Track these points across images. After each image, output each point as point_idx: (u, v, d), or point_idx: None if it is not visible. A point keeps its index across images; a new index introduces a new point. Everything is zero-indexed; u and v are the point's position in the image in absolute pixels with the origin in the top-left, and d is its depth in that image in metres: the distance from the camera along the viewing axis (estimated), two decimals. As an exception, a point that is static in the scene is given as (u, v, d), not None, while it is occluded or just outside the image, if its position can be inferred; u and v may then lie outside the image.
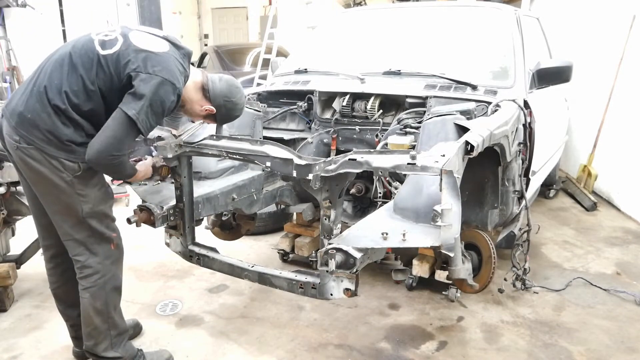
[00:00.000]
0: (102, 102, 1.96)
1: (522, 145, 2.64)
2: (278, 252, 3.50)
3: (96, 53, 1.94)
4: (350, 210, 3.16)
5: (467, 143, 1.89)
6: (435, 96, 2.74)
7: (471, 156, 1.91)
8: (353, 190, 2.96)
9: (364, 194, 2.96)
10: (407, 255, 2.69)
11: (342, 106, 2.98)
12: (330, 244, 1.86)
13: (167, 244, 2.53)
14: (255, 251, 3.74)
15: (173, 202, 2.37)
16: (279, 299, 3.00)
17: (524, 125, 2.65)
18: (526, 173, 2.79)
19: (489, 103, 2.59)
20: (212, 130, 2.43)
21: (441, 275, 2.58)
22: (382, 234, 1.84)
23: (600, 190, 4.96)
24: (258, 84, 7.07)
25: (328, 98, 3.08)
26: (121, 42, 1.97)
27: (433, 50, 3.31)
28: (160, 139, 2.27)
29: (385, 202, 2.63)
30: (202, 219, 2.74)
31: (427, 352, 2.52)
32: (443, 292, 2.94)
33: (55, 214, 2.07)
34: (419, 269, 2.61)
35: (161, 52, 1.98)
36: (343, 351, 2.54)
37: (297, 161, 1.99)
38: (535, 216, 3.84)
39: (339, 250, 1.83)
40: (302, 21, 10.06)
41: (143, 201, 2.34)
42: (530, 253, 2.83)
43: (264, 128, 3.14)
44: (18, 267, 3.02)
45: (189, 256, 2.47)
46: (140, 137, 2.12)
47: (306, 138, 3.07)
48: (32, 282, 3.18)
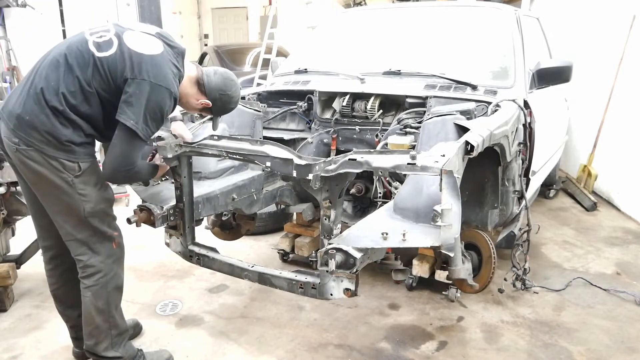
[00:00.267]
0: (100, 103, 1.97)
1: (522, 145, 2.64)
2: (278, 252, 3.50)
3: (91, 55, 1.94)
4: (350, 210, 3.16)
5: (467, 143, 1.89)
6: (435, 96, 2.75)
7: (471, 156, 1.91)
8: (353, 190, 2.96)
9: (364, 194, 2.96)
10: (407, 255, 2.69)
11: (342, 106, 2.98)
12: (330, 244, 1.86)
13: (167, 244, 2.53)
14: (255, 251, 3.74)
15: (173, 202, 2.37)
16: (279, 299, 3.00)
17: (524, 125, 2.65)
18: (526, 173, 2.79)
19: (489, 103, 2.59)
20: (213, 130, 2.44)
21: (441, 275, 2.58)
22: (382, 234, 1.84)
23: (600, 190, 4.96)
24: (258, 84, 7.07)
25: (328, 98, 3.09)
26: (116, 45, 1.96)
27: (433, 50, 3.31)
28: (160, 139, 2.27)
29: (385, 202, 2.63)
30: (202, 219, 2.74)
31: (427, 352, 2.52)
32: (443, 292, 2.94)
33: (56, 215, 2.07)
34: (419, 269, 2.61)
35: (155, 54, 1.98)
36: (343, 351, 2.54)
37: (297, 161, 1.99)
38: (535, 216, 3.84)
39: (339, 250, 1.83)
40: (302, 21, 10.06)
41: (143, 201, 2.34)
42: (530, 253, 2.83)
43: (264, 128, 3.14)
44: (18, 267, 3.02)
45: (189, 256, 2.47)
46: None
47: (306, 138, 3.07)
48: (32, 282, 3.18)
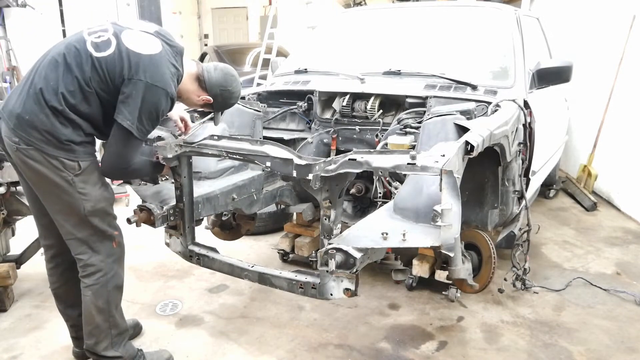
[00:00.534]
0: (99, 103, 1.97)
1: (522, 145, 2.64)
2: (278, 252, 3.50)
3: (89, 55, 1.94)
4: (350, 210, 3.16)
5: (467, 143, 1.89)
6: (435, 96, 2.75)
7: (471, 156, 1.91)
8: (353, 190, 2.96)
9: (364, 194, 2.96)
10: (407, 255, 2.69)
11: (342, 106, 2.98)
12: (330, 244, 1.86)
13: (167, 244, 2.53)
14: (255, 251, 3.74)
15: (173, 202, 2.37)
16: (279, 299, 3.00)
17: (524, 125, 2.64)
18: (526, 173, 2.79)
19: (489, 103, 2.59)
20: (213, 130, 2.44)
21: (441, 275, 2.58)
22: (382, 234, 1.84)
23: (600, 190, 4.96)
24: (258, 84, 7.07)
25: (328, 98, 3.09)
26: (114, 45, 1.97)
27: (433, 50, 3.31)
28: (160, 139, 2.27)
29: (385, 202, 2.63)
30: (202, 219, 2.74)
31: (427, 352, 2.52)
32: (443, 292, 2.94)
33: (57, 214, 2.07)
34: (419, 269, 2.61)
35: (154, 54, 1.98)
36: (343, 351, 2.54)
37: (297, 161, 1.99)
38: (535, 216, 3.84)
39: (339, 250, 1.83)
40: (302, 21, 10.05)
41: (143, 201, 2.35)
42: (530, 253, 2.83)
43: (264, 128, 3.15)
44: (18, 267, 3.02)
45: (189, 256, 2.47)
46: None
47: (306, 138, 3.07)
48: (32, 282, 3.18)
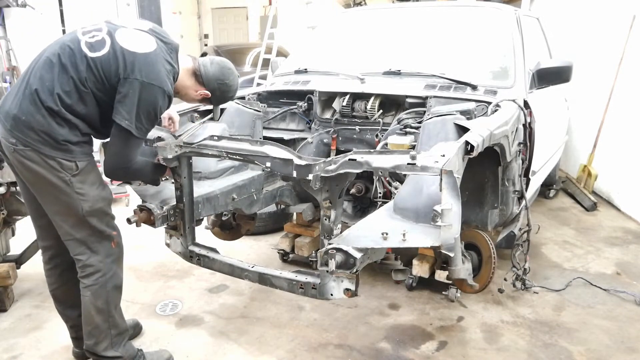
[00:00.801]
0: (95, 103, 1.97)
1: (522, 145, 2.64)
2: (278, 252, 3.50)
3: (84, 55, 1.94)
4: (350, 210, 3.15)
5: (467, 143, 1.89)
6: (435, 96, 2.74)
7: (471, 156, 1.91)
8: (353, 190, 2.95)
9: (364, 194, 2.96)
10: (407, 255, 2.69)
11: (342, 106, 2.98)
12: (330, 244, 1.86)
13: (167, 245, 2.53)
14: (255, 251, 3.74)
15: (173, 202, 2.37)
16: (279, 299, 3.00)
17: (524, 125, 2.64)
18: (526, 173, 2.79)
19: (489, 103, 2.59)
20: (213, 130, 2.44)
21: (441, 275, 2.58)
22: (382, 234, 1.84)
23: (600, 190, 4.96)
24: (258, 84, 7.07)
25: (328, 98, 3.08)
26: (109, 44, 1.96)
27: (433, 50, 3.31)
28: (160, 140, 2.27)
29: (385, 202, 2.62)
30: (202, 219, 2.74)
31: (427, 352, 2.52)
32: (443, 292, 2.94)
33: (55, 215, 2.07)
34: (419, 269, 2.61)
35: (148, 52, 1.98)
36: (343, 351, 2.54)
37: (297, 161, 1.98)
38: (535, 216, 3.84)
39: (339, 250, 1.83)
40: (302, 21, 10.05)
41: (143, 201, 2.35)
42: (530, 253, 2.83)
43: (264, 128, 3.14)
44: (18, 267, 3.02)
45: (189, 257, 2.47)
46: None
47: (306, 138, 3.07)
48: (32, 282, 3.18)
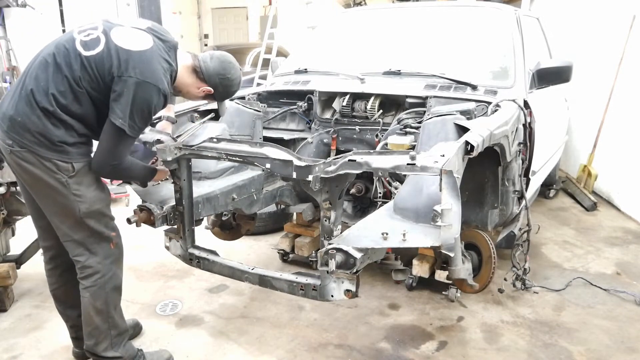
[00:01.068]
0: (91, 102, 1.95)
1: (522, 145, 2.64)
2: (278, 252, 3.50)
3: (78, 54, 1.92)
4: (350, 210, 3.15)
5: (467, 143, 1.89)
6: (435, 96, 2.74)
7: (471, 156, 1.91)
8: (353, 190, 2.95)
9: (364, 194, 2.96)
10: (407, 255, 2.69)
11: (342, 106, 2.98)
12: (330, 244, 1.86)
13: (167, 248, 2.52)
14: (255, 251, 3.74)
15: (173, 202, 2.37)
16: (279, 299, 3.00)
17: (524, 125, 2.64)
18: (526, 173, 2.79)
19: (489, 103, 2.59)
20: (213, 130, 2.43)
21: (441, 275, 2.58)
22: (382, 234, 1.84)
23: (600, 190, 4.96)
24: (258, 84, 7.07)
25: (328, 98, 3.08)
26: (103, 43, 1.94)
27: (433, 50, 3.31)
28: (159, 142, 2.26)
29: (385, 202, 2.63)
30: (202, 219, 2.74)
31: (427, 352, 2.52)
32: (443, 292, 2.94)
33: (53, 216, 2.07)
34: (419, 269, 2.61)
35: (144, 50, 1.95)
36: (343, 351, 2.54)
37: (297, 162, 1.98)
38: (535, 216, 3.84)
39: (339, 250, 1.82)
40: (302, 21, 10.06)
41: (143, 201, 2.34)
42: (530, 253, 2.83)
43: (264, 128, 3.14)
44: (18, 267, 3.02)
45: (189, 259, 2.46)
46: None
47: (306, 138, 3.07)
48: (32, 282, 3.18)
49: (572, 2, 5.79)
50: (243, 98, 3.17)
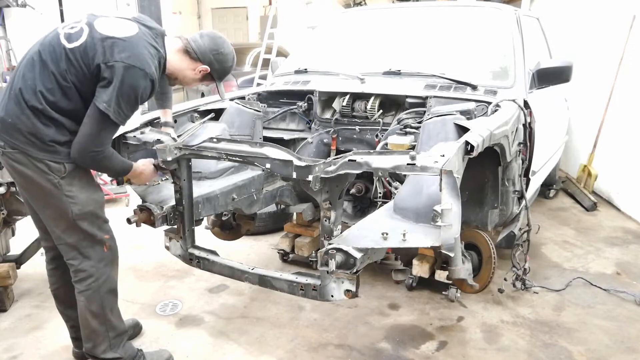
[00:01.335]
0: (79, 97, 1.93)
1: (522, 145, 2.64)
2: (278, 252, 3.50)
3: (63, 47, 1.91)
4: (350, 210, 3.16)
5: (467, 143, 1.89)
6: (435, 96, 2.75)
7: (471, 156, 1.91)
8: (353, 190, 2.96)
9: (364, 194, 2.96)
10: (407, 255, 2.69)
11: (342, 106, 2.98)
12: (330, 244, 1.86)
13: (167, 248, 2.52)
14: (255, 251, 3.74)
15: (173, 202, 2.37)
16: (279, 299, 3.00)
17: (524, 125, 2.64)
18: (526, 173, 2.79)
19: (489, 103, 2.59)
20: (213, 130, 2.43)
21: (441, 275, 2.58)
22: (382, 234, 1.84)
23: (600, 190, 4.96)
24: (258, 84, 7.08)
25: (328, 98, 3.09)
26: (87, 33, 1.92)
27: (433, 50, 3.31)
28: (159, 142, 2.26)
29: (385, 202, 2.63)
30: (202, 219, 2.74)
31: (427, 352, 2.52)
32: (443, 292, 2.94)
33: (47, 219, 2.06)
34: (419, 269, 2.61)
35: (128, 36, 1.92)
36: (343, 351, 2.54)
37: (297, 162, 1.98)
38: (535, 216, 3.84)
39: (339, 250, 1.82)
40: (302, 21, 10.06)
41: (143, 201, 2.34)
42: (530, 253, 2.84)
43: (264, 128, 3.14)
44: (18, 267, 3.02)
45: (189, 259, 2.46)
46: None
47: (306, 138, 3.07)
48: (32, 282, 3.18)
49: (572, 2, 5.80)
50: (243, 98, 3.17)
